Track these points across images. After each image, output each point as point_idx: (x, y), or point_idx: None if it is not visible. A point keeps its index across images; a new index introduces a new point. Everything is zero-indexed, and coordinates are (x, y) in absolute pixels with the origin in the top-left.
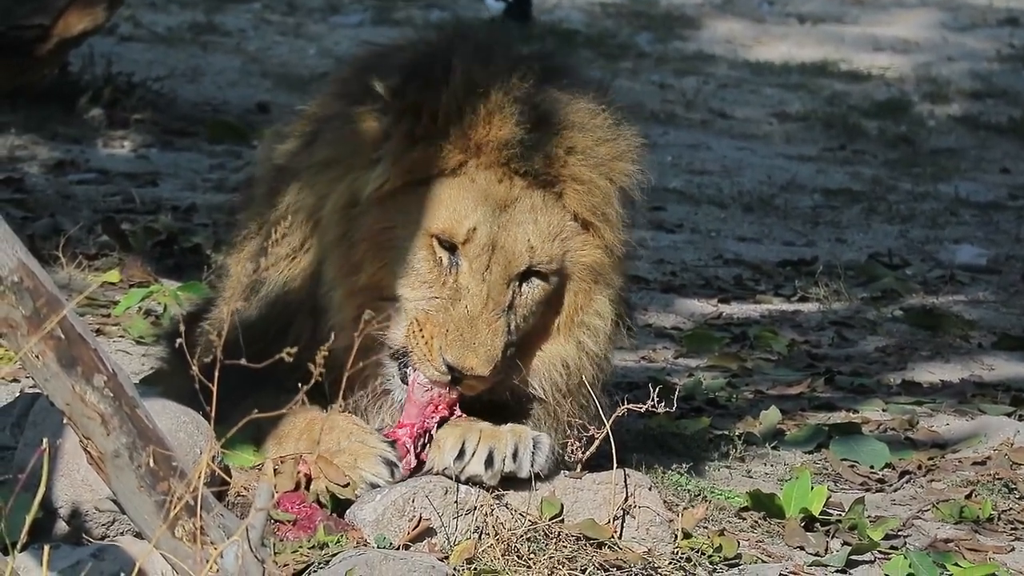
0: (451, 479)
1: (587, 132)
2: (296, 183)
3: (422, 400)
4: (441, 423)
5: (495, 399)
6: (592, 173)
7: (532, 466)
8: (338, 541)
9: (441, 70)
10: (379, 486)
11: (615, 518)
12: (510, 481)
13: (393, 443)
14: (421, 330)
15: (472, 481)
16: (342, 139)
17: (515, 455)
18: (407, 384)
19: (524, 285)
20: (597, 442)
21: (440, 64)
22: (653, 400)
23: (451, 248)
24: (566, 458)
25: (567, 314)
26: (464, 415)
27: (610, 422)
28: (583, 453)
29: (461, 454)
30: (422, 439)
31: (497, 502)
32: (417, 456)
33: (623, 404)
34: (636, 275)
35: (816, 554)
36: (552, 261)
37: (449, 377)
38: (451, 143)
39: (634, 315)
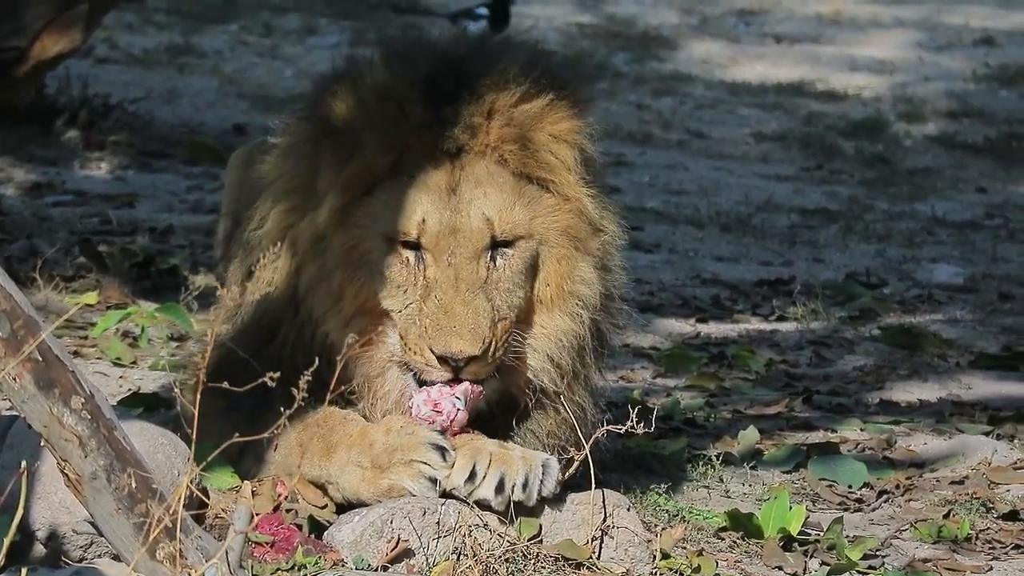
0: (459, 499)
1: (505, 92)
2: (265, 206)
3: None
4: None
5: (508, 392)
6: (519, 130)
7: (540, 492)
8: (316, 563)
9: (344, 84)
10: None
11: (593, 538)
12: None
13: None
14: (406, 338)
15: (480, 504)
16: (287, 169)
17: (525, 484)
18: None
19: (498, 258)
20: (577, 463)
21: (342, 79)
22: (632, 421)
23: (414, 246)
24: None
25: (556, 283)
26: (472, 431)
27: (589, 444)
28: (563, 474)
29: (472, 476)
30: None
31: (476, 523)
32: None
33: (603, 424)
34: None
35: (794, 574)
36: (517, 227)
37: (450, 373)
38: (375, 147)
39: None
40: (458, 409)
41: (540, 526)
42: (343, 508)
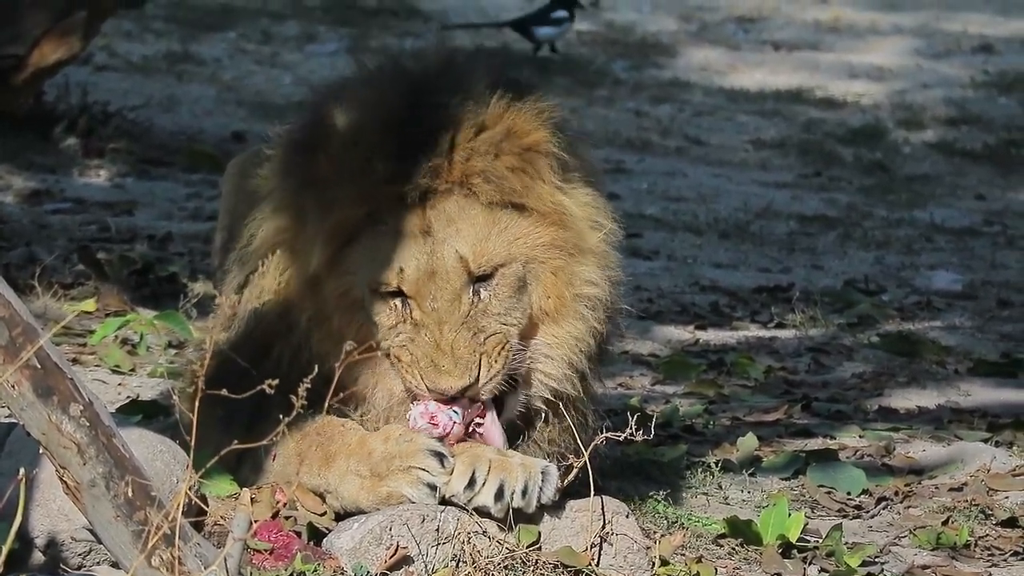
0: (458, 506)
1: (464, 124)
2: (256, 222)
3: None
4: None
5: (530, 405)
6: (482, 161)
7: (540, 499)
8: (315, 570)
9: (321, 129)
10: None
11: (592, 545)
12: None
13: (442, 439)
14: (400, 361)
15: (480, 511)
16: (278, 185)
17: (525, 491)
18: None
19: (481, 291)
20: (576, 470)
21: (319, 123)
22: (632, 428)
23: (398, 293)
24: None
25: (556, 294)
26: (472, 440)
27: (588, 450)
28: (562, 481)
29: (471, 483)
30: None
31: (475, 530)
32: None
33: (601, 431)
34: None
35: None
36: (494, 257)
37: (446, 395)
38: (349, 201)
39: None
40: (454, 423)
41: (539, 533)
42: (342, 516)
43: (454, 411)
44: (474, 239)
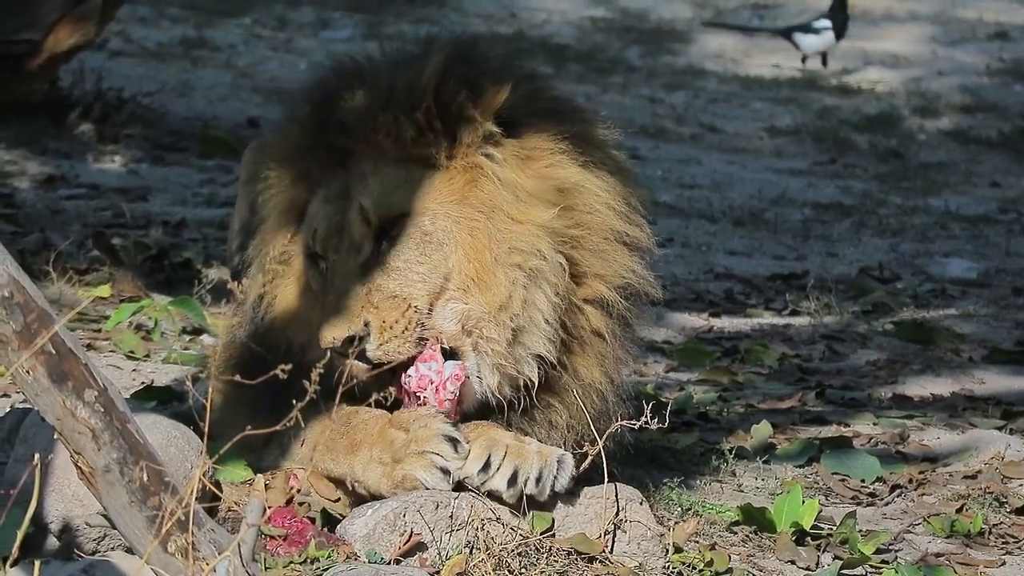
0: (471, 489)
1: (377, 88)
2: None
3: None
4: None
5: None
6: (388, 118)
7: (553, 487)
8: (329, 556)
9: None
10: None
11: (606, 532)
12: (529, 499)
13: (456, 424)
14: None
15: (492, 495)
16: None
17: (539, 479)
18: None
19: (384, 242)
20: (590, 458)
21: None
22: (647, 416)
23: (319, 256)
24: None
25: (476, 257)
26: (487, 422)
27: (603, 439)
28: (577, 468)
29: (486, 467)
30: None
31: (489, 517)
32: None
33: (618, 418)
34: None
35: (807, 568)
36: (395, 207)
37: (365, 363)
38: (288, 180)
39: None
40: (439, 371)
41: (553, 520)
42: (362, 502)
43: (424, 364)
44: (379, 192)
